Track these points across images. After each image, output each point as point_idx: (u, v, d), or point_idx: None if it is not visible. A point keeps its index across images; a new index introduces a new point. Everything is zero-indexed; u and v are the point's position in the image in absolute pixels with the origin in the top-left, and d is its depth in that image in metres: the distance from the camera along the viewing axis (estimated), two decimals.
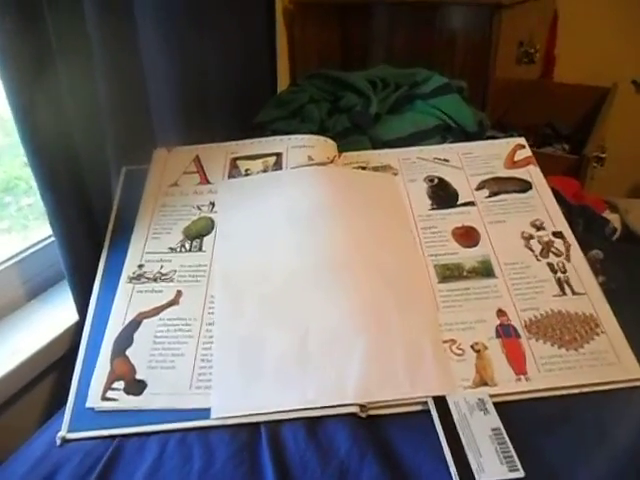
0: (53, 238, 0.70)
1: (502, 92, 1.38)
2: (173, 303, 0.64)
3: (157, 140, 0.86)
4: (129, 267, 0.68)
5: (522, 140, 0.83)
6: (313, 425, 0.53)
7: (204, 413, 0.54)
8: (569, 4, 1.80)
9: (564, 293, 0.64)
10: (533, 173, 0.78)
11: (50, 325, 0.71)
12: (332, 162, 0.78)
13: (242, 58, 0.99)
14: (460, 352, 0.59)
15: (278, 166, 0.77)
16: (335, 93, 0.91)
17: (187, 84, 0.89)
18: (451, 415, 0.54)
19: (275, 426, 0.53)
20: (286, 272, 0.65)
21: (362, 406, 0.55)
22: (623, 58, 1.81)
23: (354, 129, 0.86)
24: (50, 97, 0.65)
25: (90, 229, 0.73)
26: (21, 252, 0.78)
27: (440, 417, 0.53)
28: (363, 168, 0.79)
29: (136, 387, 0.57)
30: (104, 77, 0.75)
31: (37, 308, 0.75)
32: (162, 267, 0.68)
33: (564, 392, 0.56)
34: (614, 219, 0.86)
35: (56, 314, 0.73)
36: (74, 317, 0.72)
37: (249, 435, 0.53)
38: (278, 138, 0.81)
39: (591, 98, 1.69)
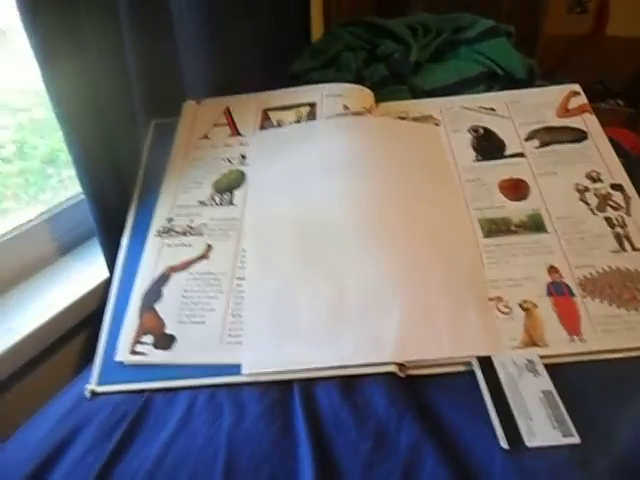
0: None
1: (551, 47, 1.29)
2: (203, 257, 0.61)
3: (186, 92, 0.82)
4: (158, 221, 0.66)
5: (576, 87, 0.76)
6: (348, 384, 0.50)
7: (235, 369, 0.52)
8: None
9: (623, 249, 0.59)
10: (589, 122, 0.71)
11: (81, 281, 0.70)
12: (369, 112, 0.73)
13: (275, 7, 0.94)
14: (507, 310, 0.55)
15: (312, 116, 0.73)
16: (372, 41, 0.86)
17: (217, 34, 0.85)
18: (497, 376, 0.50)
19: (308, 384, 0.51)
20: (320, 225, 0.61)
21: (401, 365, 0.51)
22: None
23: (393, 78, 0.81)
24: (76, 48, 0.62)
25: (119, 184, 0.71)
26: (53, 208, 0.77)
27: (485, 378, 0.50)
28: (402, 119, 0.74)
29: (165, 341, 0.55)
30: (131, 27, 0.71)
31: (68, 264, 0.74)
32: (192, 221, 0.65)
33: (623, 355, 0.51)
34: None
35: (87, 270, 0.72)
36: (105, 274, 0.71)
37: (281, 393, 0.50)
38: (311, 87, 0.76)
39: None
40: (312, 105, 0.74)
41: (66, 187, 0.82)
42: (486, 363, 0.51)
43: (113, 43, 0.69)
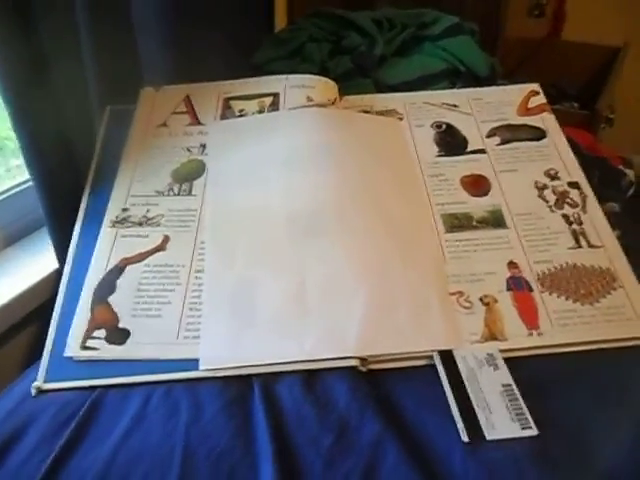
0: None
1: (511, 49, 1.32)
2: (159, 249, 0.59)
3: (144, 79, 0.79)
4: (112, 211, 0.63)
5: (536, 86, 0.77)
6: (310, 379, 0.49)
7: (192, 364, 0.50)
8: None
9: (579, 245, 0.60)
10: (547, 121, 0.73)
11: (28, 272, 0.66)
12: (333, 104, 0.72)
13: None
14: (468, 305, 0.55)
15: (275, 107, 0.72)
16: (337, 33, 0.85)
17: (178, 20, 0.82)
18: (458, 370, 0.50)
19: (269, 379, 0.49)
20: (281, 217, 0.60)
21: (363, 359, 0.51)
22: (635, 16, 1.73)
23: (357, 71, 0.80)
24: (28, 29, 0.59)
25: (70, 171, 0.68)
26: None
27: (446, 372, 0.50)
28: (366, 112, 0.74)
29: (118, 336, 0.53)
30: (86, 10, 0.68)
31: (15, 255, 0.70)
32: (148, 211, 0.63)
33: (579, 348, 0.52)
34: (630, 175, 0.81)
35: (35, 261, 0.69)
36: (54, 265, 0.67)
37: (241, 388, 0.49)
38: (275, 77, 0.75)
39: (600, 57, 1.63)
40: (275, 95, 0.73)
41: (13, 176, 0.79)
42: (447, 357, 0.51)
43: (67, 26, 0.66)
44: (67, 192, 0.66)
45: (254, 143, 0.67)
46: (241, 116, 0.71)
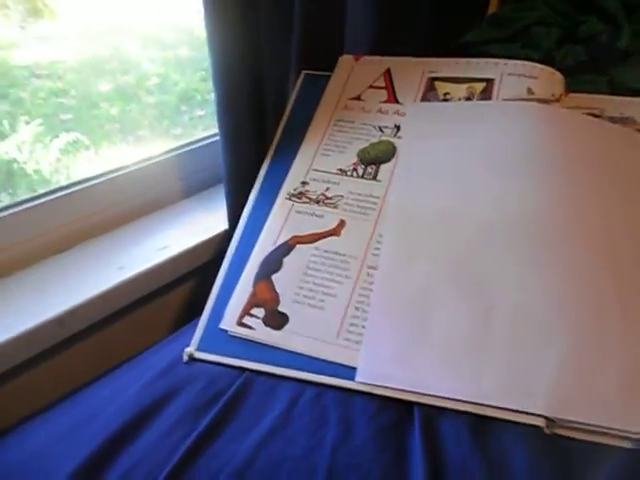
0: (217, 138, 0.64)
1: None
2: (333, 233, 0.54)
3: (345, 46, 0.74)
4: (291, 182, 0.59)
5: None
6: (481, 427, 0.41)
7: (349, 372, 0.45)
8: None
9: None
10: None
11: (199, 228, 0.66)
12: (557, 101, 0.61)
13: None
14: None
15: (486, 95, 0.62)
16: (573, 17, 0.72)
17: None
18: None
19: (433, 413, 0.42)
20: (477, 224, 0.52)
21: (550, 420, 0.41)
22: None
23: (590, 65, 0.67)
24: None
25: (257, 130, 0.65)
26: (182, 147, 0.73)
27: None
28: (596, 116, 0.61)
29: (277, 319, 0.49)
30: None
31: (190, 207, 0.71)
32: (327, 189, 0.58)
33: None
34: None
35: (207, 217, 0.68)
36: (224, 224, 0.66)
37: (399, 415, 0.42)
38: (492, 61, 0.65)
39: None
40: (488, 82, 0.63)
41: (195, 126, 0.81)
42: None
43: None
44: (250, 152, 0.64)
45: (457, 134, 0.59)
46: (445, 100, 0.63)
